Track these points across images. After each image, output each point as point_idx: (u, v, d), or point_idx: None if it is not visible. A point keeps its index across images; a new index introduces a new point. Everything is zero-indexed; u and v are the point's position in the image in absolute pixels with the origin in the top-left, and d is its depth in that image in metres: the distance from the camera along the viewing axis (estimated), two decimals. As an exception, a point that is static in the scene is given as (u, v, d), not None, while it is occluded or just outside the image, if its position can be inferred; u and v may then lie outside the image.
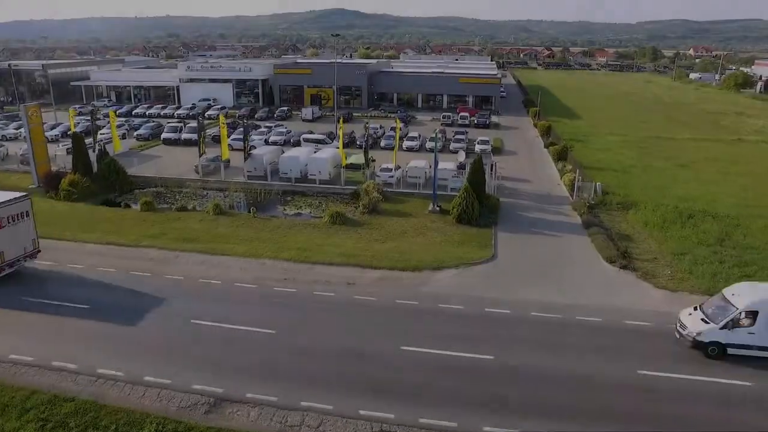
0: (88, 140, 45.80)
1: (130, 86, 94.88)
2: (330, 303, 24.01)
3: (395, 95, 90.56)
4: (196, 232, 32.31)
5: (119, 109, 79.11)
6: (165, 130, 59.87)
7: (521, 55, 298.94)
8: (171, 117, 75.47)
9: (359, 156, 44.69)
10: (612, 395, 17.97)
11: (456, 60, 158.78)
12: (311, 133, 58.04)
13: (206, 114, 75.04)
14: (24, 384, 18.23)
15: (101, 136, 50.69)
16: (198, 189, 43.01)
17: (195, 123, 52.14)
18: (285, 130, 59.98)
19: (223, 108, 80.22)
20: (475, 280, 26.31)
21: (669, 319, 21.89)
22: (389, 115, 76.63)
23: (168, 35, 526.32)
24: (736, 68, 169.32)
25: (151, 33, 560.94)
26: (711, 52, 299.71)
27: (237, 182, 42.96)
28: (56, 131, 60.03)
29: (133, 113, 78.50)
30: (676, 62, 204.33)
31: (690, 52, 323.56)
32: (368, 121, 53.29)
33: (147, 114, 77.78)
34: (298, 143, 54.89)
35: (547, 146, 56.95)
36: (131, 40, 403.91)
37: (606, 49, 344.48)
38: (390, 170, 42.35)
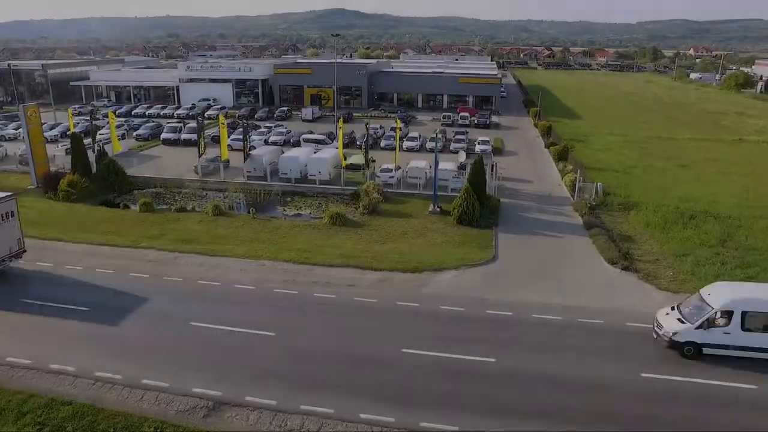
0: (88, 140, 45.73)
1: (130, 86, 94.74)
2: (330, 305, 23.84)
3: (395, 95, 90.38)
4: (196, 233, 32.15)
5: (119, 109, 78.97)
6: (164, 131, 59.70)
7: (521, 55, 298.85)
8: (170, 117, 75.30)
9: (359, 156, 44.54)
10: (614, 399, 17.80)
11: (456, 60, 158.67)
12: (311, 134, 57.88)
13: (206, 114, 74.86)
14: (21, 387, 18.07)
15: (101, 137, 50.54)
16: (197, 189, 42.84)
17: (194, 123, 51.97)
18: (285, 131, 59.79)
19: (223, 108, 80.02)
20: (476, 282, 26.15)
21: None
22: (389, 115, 76.47)
23: (168, 35, 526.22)
24: (737, 68, 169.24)
25: (151, 33, 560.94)
26: (711, 52, 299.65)
27: (236, 183, 42.80)
28: (55, 131, 59.90)
29: (133, 113, 78.33)
30: (677, 62, 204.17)
31: (690, 52, 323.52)
32: (368, 121, 53.11)
33: (146, 114, 77.60)
34: (298, 143, 54.73)
35: (548, 146, 56.81)
36: (131, 40, 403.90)
37: (606, 49, 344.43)
38: (390, 171, 42.20)
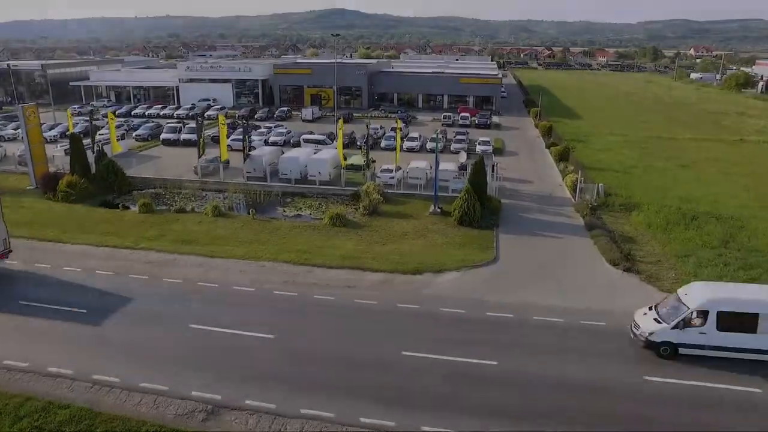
0: (87, 141, 45.54)
1: (130, 86, 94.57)
2: (330, 306, 23.66)
3: (395, 95, 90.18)
4: (195, 234, 31.98)
5: (118, 110, 78.86)
6: (164, 131, 59.53)
7: (521, 55, 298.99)
8: (170, 117, 75.13)
9: (359, 157, 44.38)
10: (616, 401, 17.62)
11: (456, 60, 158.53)
12: (311, 134, 57.70)
13: (206, 114, 74.71)
14: (18, 391, 17.89)
15: (100, 137, 50.37)
16: (197, 190, 42.65)
17: (194, 123, 51.78)
18: (285, 131, 59.58)
19: (223, 108, 79.85)
20: (477, 283, 25.96)
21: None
22: (389, 116, 76.29)
23: (168, 35, 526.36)
24: (737, 68, 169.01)
25: (152, 33, 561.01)
26: (711, 52, 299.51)
27: (236, 183, 42.61)
28: (55, 131, 59.75)
29: (133, 113, 78.17)
30: (677, 62, 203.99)
31: (690, 52, 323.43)
32: (369, 122, 52.98)
33: (146, 114, 77.43)
34: (298, 144, 54.56)
35: (549, 147, 56.62)
36: (131, 40, 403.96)
37: (606, 49, 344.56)
38: (390, 171, 42.01)
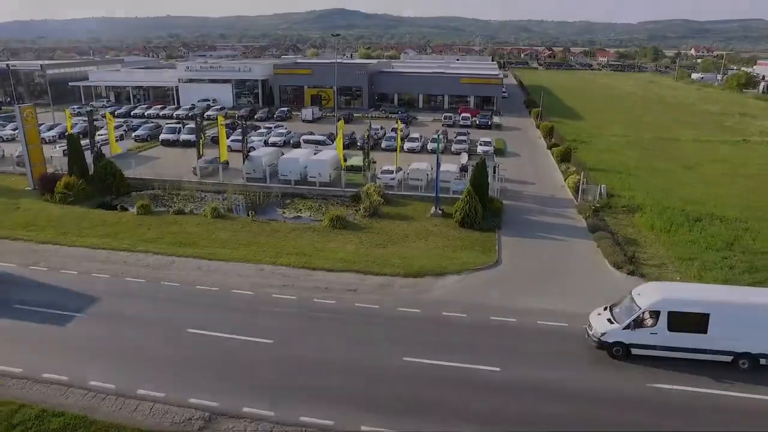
0: (85, 141, 45.20)
1: (129, 87, 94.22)
2: (330, 311, 23.30)
3: (396, 96, 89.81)
4: (193, 237, 31.62)
5: (118, 110, 78.60)
6: (163, 131, 59.16)
7: (522, 55, 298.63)
8: (170, 118, 74.78)
9: (359, 158, 44.03)
10: (622, 410, 17.28)
11: (457, 60, 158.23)
12: (311, 134, 57.35)
13: (206, 114, 74.33)
14: (11, 397, 17.55)
15: (99, 137, 50.01)
16: (196, 191, 42.29)
17: (194, 124, 51.40)
18: (285, 131, 59.26)
19: (223, 108, 79.50)
20: (479, 287, 25.59)
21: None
22: (390, 116, 75.93)
23: (168, 35, 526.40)
24: (738, 68, 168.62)
25: (152, 33, 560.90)
26: (712, 52, 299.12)
27: (235, 184, 42.26)
28: (54, 132, 59.39)
29: (132, 114, 77.83)
30: (678, 62, 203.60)
31: (691, 52, 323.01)
32: (370, 122, 52.61)
33: (146, 114, 77.07)
34: (298, 144, 54.22)
35: (550, 147, 56.24)
36: (132, 40, 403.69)
37: (607, 49, 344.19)
38: (391, 172, 41.63)
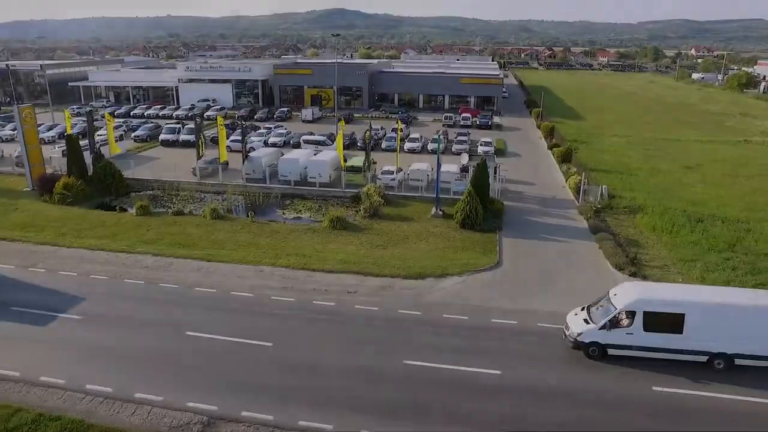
0: (85, 142, 45.01)
1: (129, 87, 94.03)
2: (330, 313, 23.12)
3: (396, 96, 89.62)
4: (193, 238, 31.44)
5: (118, 110, 78.42)
6: (163, 131, 58.98)
7: (522, 55, 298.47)
8: (169, 118, 74.61)
9: (359, 158, 43.85)
10: (626, 413, 17.10)
11: (457, 60, 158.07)
12: (311, 135, 57.16)
13: (205, 115, 74.22)
14: (8, 401, 17.36)
15: (99, 138, 49.80)
16: (195, 192, 42.11)
17: (193, 124, 51.22)
18: (285, 131, 59.07)
19: (223, 109, 79.30)
20: (480, 289, 25.40)
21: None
22: (390, 116, 75.75)
23: (169, 35, 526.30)
24: (739, 68, 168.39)
25: (152, 33, 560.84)
26: (713, 52, 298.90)
27: (235, 185, 42.07)
28: (53, 132, 59.20)
29: (132, 114, 77.65)
30: (679, 62, 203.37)
31: (692, 52, 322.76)
32: (370, 122, 52.41)
33: (145, 115, 76.89)
34: (298, 145, 54.03)
35: (551, 148, 56.04)
36: (132, 40, 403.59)
37: (607, 49, 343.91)
38: (391, 173, 41.43)
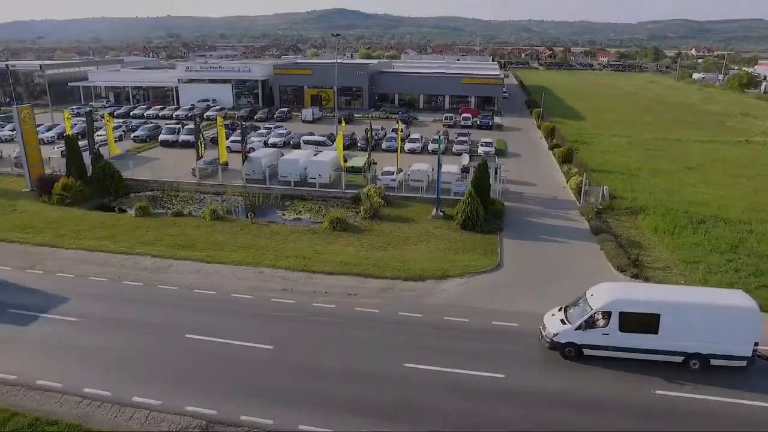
0: (84, 142, 44.82)
1: (129, 87, 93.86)
2: (330, 315, 22.93)
3: (396, 96, 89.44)
4: (192, 239, 31.26)
5: (117, 110, 78.25)
6: (163, 132, 58.81)
7: (522, 55, 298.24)
8: (169, 118, 74.44)
9: (360, 159, 43.69)
10: (626, 417, 16.92)
11: (458, 60, 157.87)
12: (311, 135, 56.98)
13: (205, 115, 74.07)
14: (4, 405, 17.18)
15: (98, 138, 49.61)
16: (195, 193, 41.94)
17: (192, 124, 50.99)
18: (285, 132, 58.90)
19: (222, 109, 79.13)
20: (481, 291, 25.23)
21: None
22: (390, 116, 75.57)
23: (169, 35, 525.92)
24: (739, 68, 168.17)
25: (152, 33, 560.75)
26: (713, 52, 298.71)
27: (235, 186, 41.88)
28: (52, 133, 59.03)
29: (131, 114, 77.48)
30: (679, 62, 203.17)
31: (692, 52, 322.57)
32: (370, 122, 52.21)
33: (145, 115, 76.71)
34: (298, 145, 53.85)
35: (552, 148, 55.84)
36: (132, 40, 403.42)
37: (607, 49, 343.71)
38: (392, 173, 41.25)
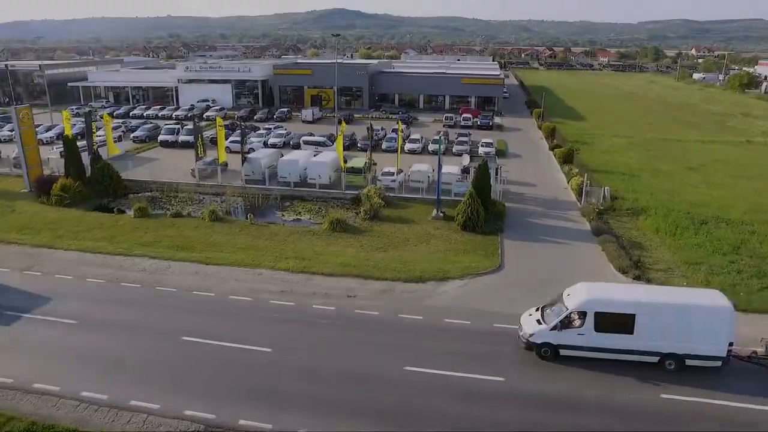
0: (83, 143, 44.62)
1: (128, 87, 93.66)
2: (329, 318, 22.75)
3: (396, 96, 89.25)
4: (191, 240, 31.08)
5: (117, 110, 78.05)
6: (162, 132, 58.61)
7: (522, 55, 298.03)
8: (169, 118, 74.25)
9: (360, 159, 43.52)
10: (631, 422, 16.73)
11: (458, 60, 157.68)
12: (311, 135, 56.78)
13: (205, 115, 73.87)
14: (0, 409, 17.00)
15: (98, 138, 49.42)
16: (194, 193, 41.75)
17: (191, 125, 50.82)
18: (284, 132, 58.73)
19: (222, 109, 78.94)
20: (482, 293, 25.05)
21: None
22: (390, 117, 75.41)
23: (169, 35, 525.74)
24: (740, 68, 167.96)
25: (153, 33, 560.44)
26: (713, 52, 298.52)
27: (234, 186, 41.70)
28: (51, 133, 58.81)
29: (131, 114, 77.29)
30: (679, 62, 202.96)
31: (692, 52, 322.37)
32: (371, 123, 52.01)
33: (144, 115, 76.50)
34: (298, 146, 53.67)
35: (552, 149, 55.64)
36: (132, 41, 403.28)
37: (608, 49, 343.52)
38: (392, 174, 41.07)
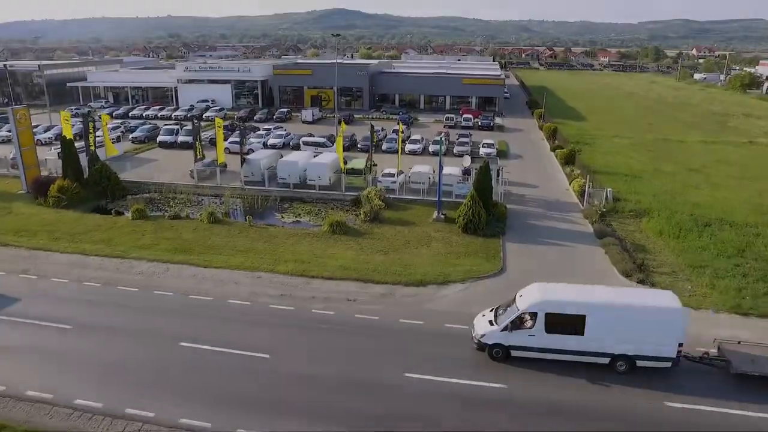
0: (81, 144, 44.25)
1: (128, 87, 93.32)
2: (329, 322, 22.40)
3: (397, 96, 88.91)
4: (189, 243, 30.73)
5: (116, 111, 77.72)
6: (161, 133, 58.27)
7: (523, 56, 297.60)
8: (168, 119, 73.92)
9: (360, 161, 43.17)
10: (635, 428, 16.37)
11: (458, 60, 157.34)
12: (311, 136, 56.44)
13: (204, 116, 73.52)
14: (-7, 417, 16.72)
15: (98, 139, 49.02)
16: (193, 195, 41.40)
17: (191, 125, 50.43)
18: (284, 133, 58.40)
19: (222, 109, 78.62)
20: (484, 297, 24.61)
21: (696, 342, 20.18)
22: (390, 117, 75.07)
23: (169, 35, 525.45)
24: (740, 68, 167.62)
25: (153, 33, 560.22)
26: (714, 53, 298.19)
27: (233, 188, 41.36)
28: (50, 134, 58.49)
29: (130, 115, 76.97)
30: (680, 62, 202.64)
31: (693, 52, 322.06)
32: (371, 123, 51.62)
33: (144, 115, 76.18)
34: (298, 146, 53.33)
35: (554, 150, 55.28)
36: (132, 41, 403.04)
37: (608, 49, 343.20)
38: (392, 175, 40.72)
